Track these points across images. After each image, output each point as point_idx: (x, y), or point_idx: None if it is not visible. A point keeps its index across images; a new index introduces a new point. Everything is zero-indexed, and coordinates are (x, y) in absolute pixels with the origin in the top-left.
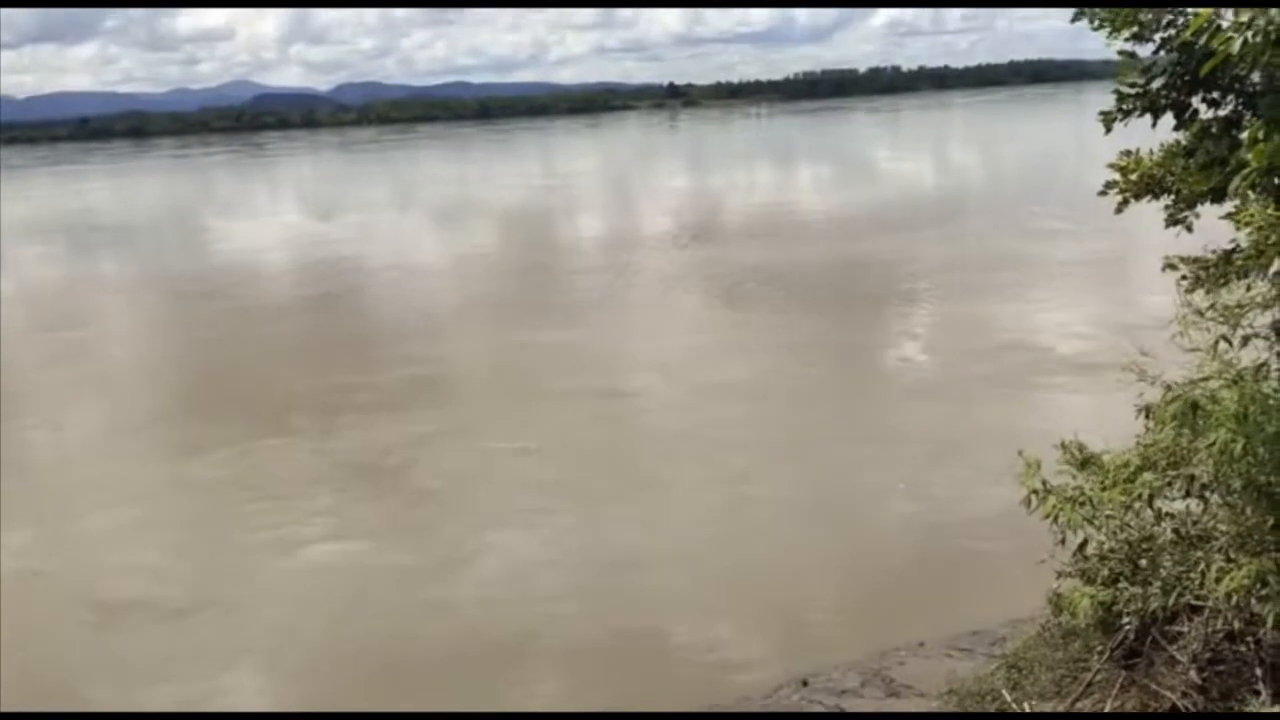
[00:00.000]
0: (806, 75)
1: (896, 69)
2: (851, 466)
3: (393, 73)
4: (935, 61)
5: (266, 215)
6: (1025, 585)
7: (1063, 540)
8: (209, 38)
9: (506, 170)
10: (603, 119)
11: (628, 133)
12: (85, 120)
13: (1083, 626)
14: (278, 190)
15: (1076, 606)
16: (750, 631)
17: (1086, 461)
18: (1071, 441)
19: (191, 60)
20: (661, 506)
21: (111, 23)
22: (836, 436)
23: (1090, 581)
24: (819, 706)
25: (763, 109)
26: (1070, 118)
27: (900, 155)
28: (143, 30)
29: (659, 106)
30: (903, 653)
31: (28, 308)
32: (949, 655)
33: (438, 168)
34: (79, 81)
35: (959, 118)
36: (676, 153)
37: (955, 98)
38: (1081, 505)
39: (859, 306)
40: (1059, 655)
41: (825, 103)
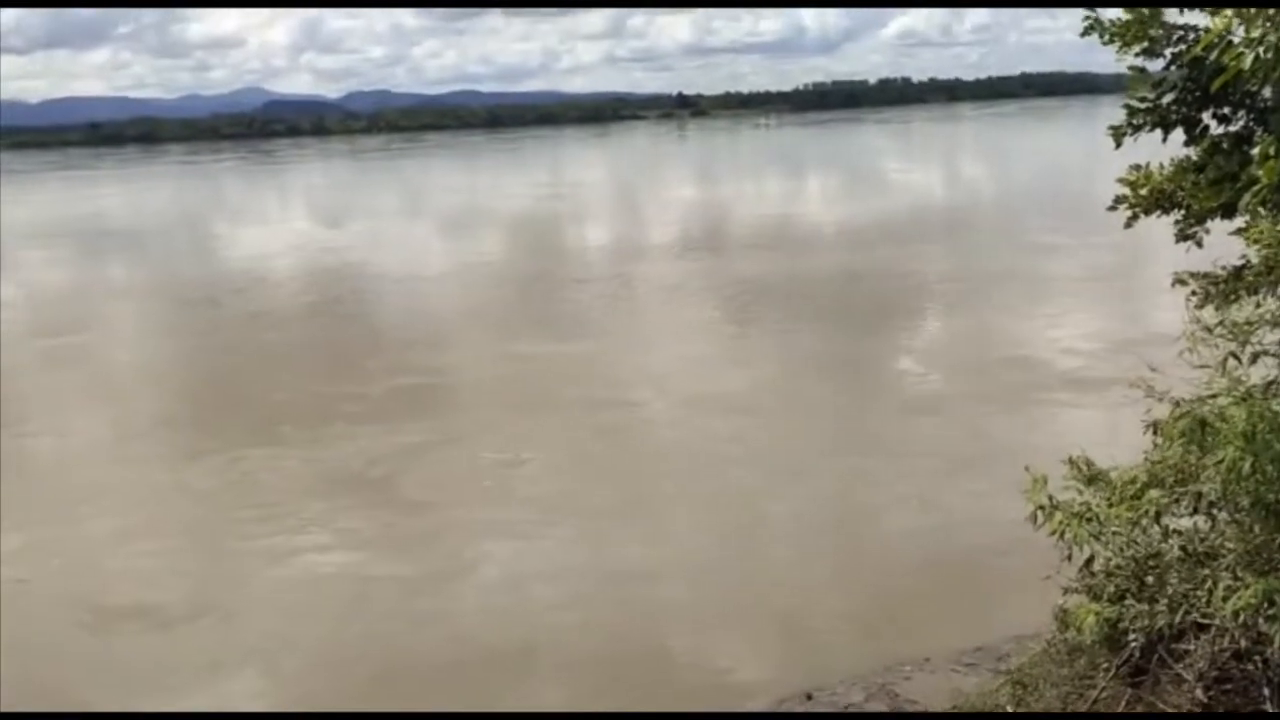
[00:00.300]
0: (816, 86)
1: (907, 80)
2: (856, 480)
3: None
4: (946, 73)
5: (272, 222)
6: (1031, 601)
7: (1069, 556)
8: (221, 45)
9: (512, 179)
10: (611, 128)
11: (635, 142)
12: (96, 125)
13: (1088, 643)
14: (283, 197)
15: (1082, 623)
16: (754, 644)
17: (1094, 477)
18: (1079, 457)
19: (203, 67)
20: (664, 519)
21: (124, 29)
22: (840, 450)
23: (1096, 598)
24: None
25: (771, 119)
26: (1080, 132)
27: (908, 167)
28: (155, 36)
29: (668, 116)
30: (908, 668)
31: (30, 312)
32: (954, 671)
33: (444, 176)
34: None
35: (968, 130)
36: (683, 163)
37: (965, 110)
38: (1088, 521)
39: (865, 319)
40: (1064, 672)
41: (835, 114)
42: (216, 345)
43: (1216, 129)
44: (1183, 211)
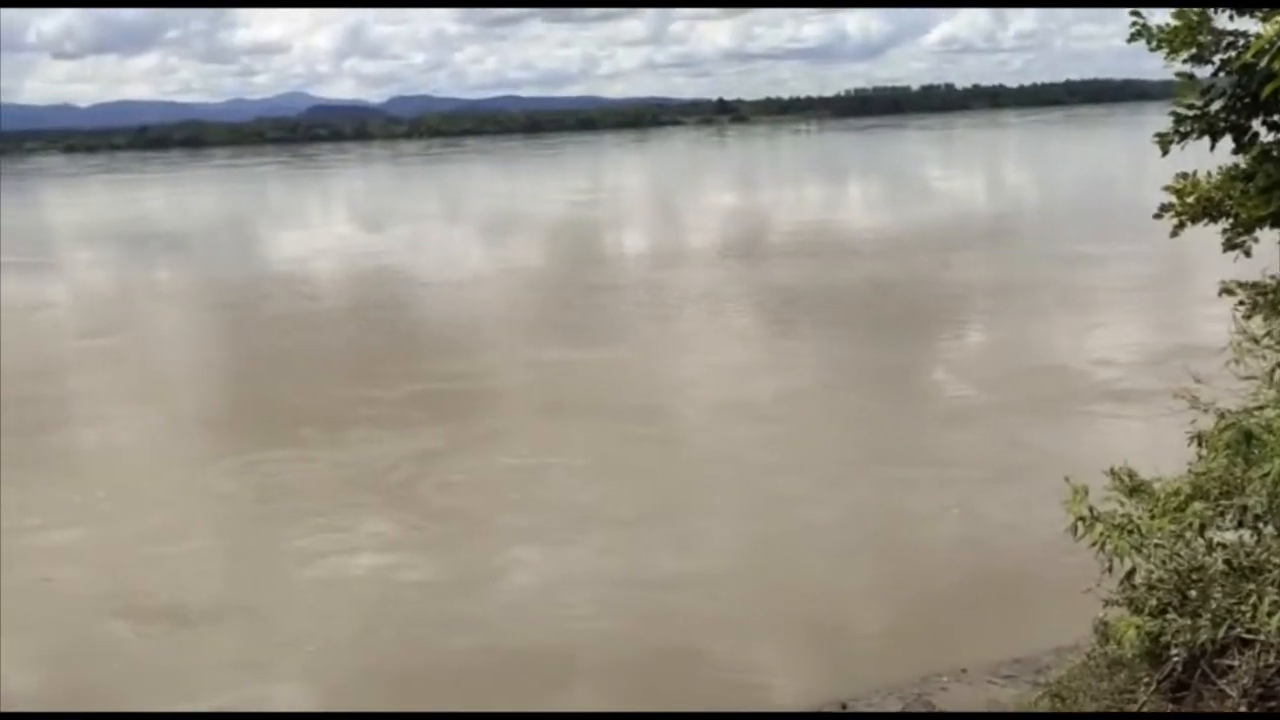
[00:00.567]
0: (858, 92)
1: (950, 87)
2: (895, 488)
3: (444, 86)
4: (989, 80)
5: (309, 226)
6: (1071, 613)
7: (1110, 568)
8: (266, 50)
9: (549, 184)
10: (650, 134)
11: (674, 148)
12: (144, 129)
13: (1129, 657)
14: (321, 201)
15: (1123, 636)
16: (789, 653)
17: (1136, 489)
18: (1121, 468)
19: (248, 72)
20: (696, 526)
21: (172, 34)
22: (878, 458)
23: (1138, 611)
24: None
25: (812, 125)
26: (1125, 139)
27: (948, 174)
28: (202, 42)
29: (708, 122)
30: (945, 678)
31: (72, 312)
32: (992, 682)
33: (481, 181)
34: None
35: (1011, 137)
36: (722, 168)
37: (1009, 117)
38: (1130, 533)
39: (903, 327)
40: (1104, 686)
41: (876, 120)
42: (250, 348)
43: (1266, 136)
44: (1230, 220)
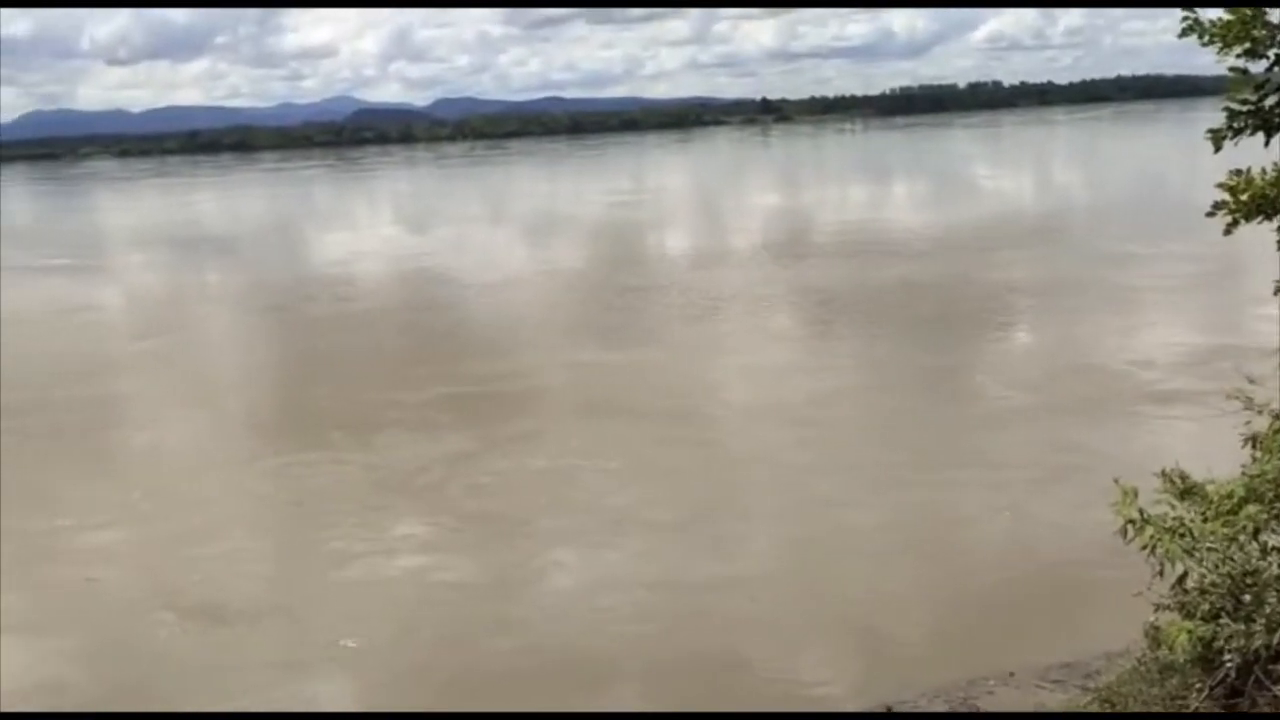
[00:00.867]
0: (903, 90)
1: (997, 84)
2: (939, 491)
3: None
4: (1037, 77)
5: (352, 228)
6: (1121, 617)
7: (1160, 572)
8: (313, 55)
9: (589, 185)
10: (694, 134)
11: (717, 147)
12: (195, 134)
13: (1181, 663)
14: (363, 204)
15: (1175, 641)
16: (834, 657)
17: (1187, 491)
18: (1172, 470)
19: (296, 76)
20: (736, 529)
21: (221, 39)
22: (923, 460)
23: (1189, 616)
24: None
25: (857, 124)
26: (1177, 135)
27: (993, 173)
28: (251, 47)
29: (751, 121)
30: (991, 682)
31: (119, 315)
32: (1039, 687)
33: (522, 183)
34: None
35: (1059, 134)
36: (764, 168)
37: (1057, 114)
38: (1181, 536)
39: (947, 327)
40: (1155, 692)
41: (921, 118)
42: (290, 350)
43: None
44: None
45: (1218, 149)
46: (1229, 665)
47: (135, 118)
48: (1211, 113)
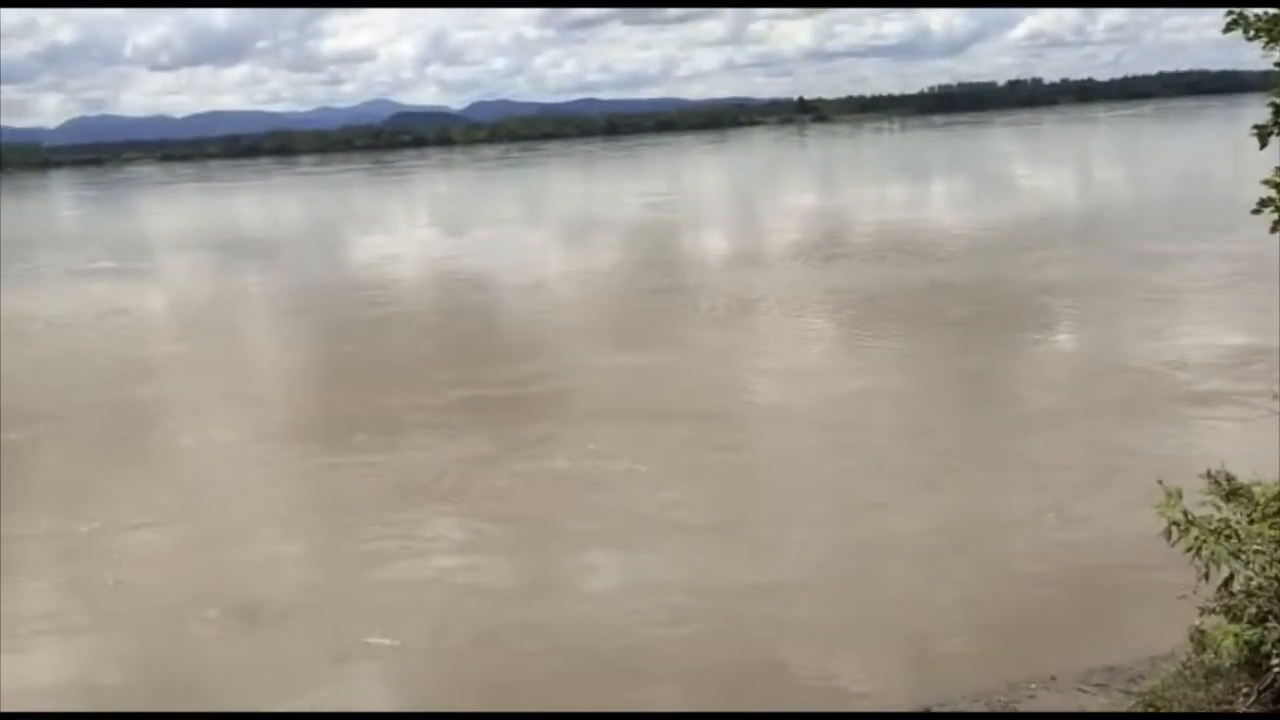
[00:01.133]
0: (942, 89)
1: (1037, 81)
2: (980, 493)
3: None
4: (1078, 74)
5: (384, 231)
6: (1165, 620)
7: (1206, 575)
8: (351, 59)
9: (621, 187)
10: (730, 134)
11: (752, 148)
12: (236, 138)
13: (1227, 667)
14: (396, 207)
15: (1220, 645)
16: (874, 660)
17: (1233, 493)
18: (1217, 471)
19: (335, 80)
20: (771, 533)
21: (262, 44)
22: (962, 462)
23: (1235, 619)
24: None
25: (894, 124)
26: (1220, 132)
27: (1031, 172)
28: (290, 52)
29: (788, 121)
30: (1033, 685)
31: (149, 318)
32: (1081, 690)
33: (554, 185)
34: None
35: (1100, 132)
36: (799, 169)
37: (1099, 111)
38: (1227, 539)
39: (983, 328)
40: (1200, 696)
41: (959, 117)
42: (323, 354)
43: None
44: None
45: (1263, 145)
46: (1277, 669)
47: (178, 123)
48: (1257, 109)
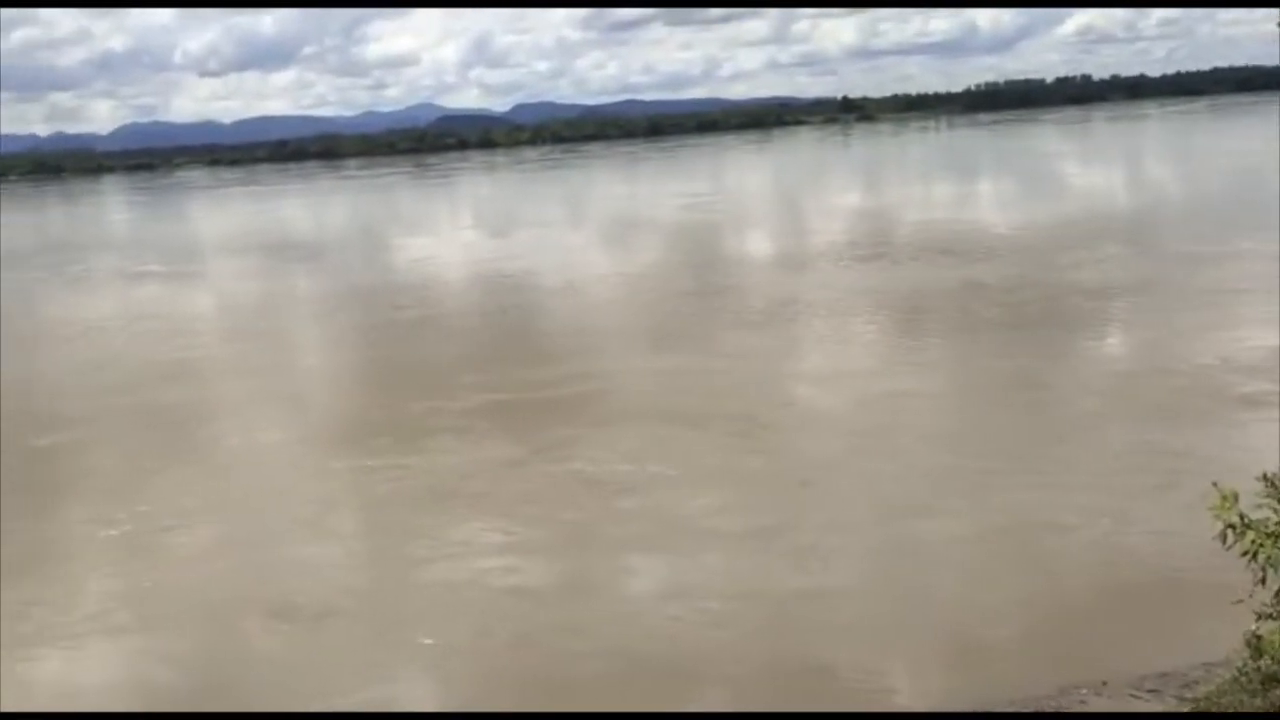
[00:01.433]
0: (988, 86)
1: (1087, 78)
2: (1027, 495)
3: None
4: (1129, 70)
5: (423, 234)
6: (1220, 625)
7: (1263, 579)
8: (396, 63)
9: (660, 188)
10: (773, 134)
11: (794, 148)
12: (284, 143)
13: None
14: (435, 209)
15: (1278, 651)
16: (920, 665)
17: None
18: (1274, 474)
19: (380, 85)
20: (812, 539)
21: (308, 50)
22: (1008, 465)
23: None
24: None
25: (939, 122)
26: (1275, 129)
27: (1076, 170)
28: (336, 57)
29: (832, 121)
30: (1084, 691)
31: (168, 324)
32: (1134, 696)
33: (592, 186)
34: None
35: (1150, 129)
36: (840, 169)
37: (1149, 108)
38: None
39: (1026, 329)
40: (1257, 703)
41: (1006, 114)
42: (358, 357)
43: None
44: None
45: None
46: None
47: (226, 128)
48: None
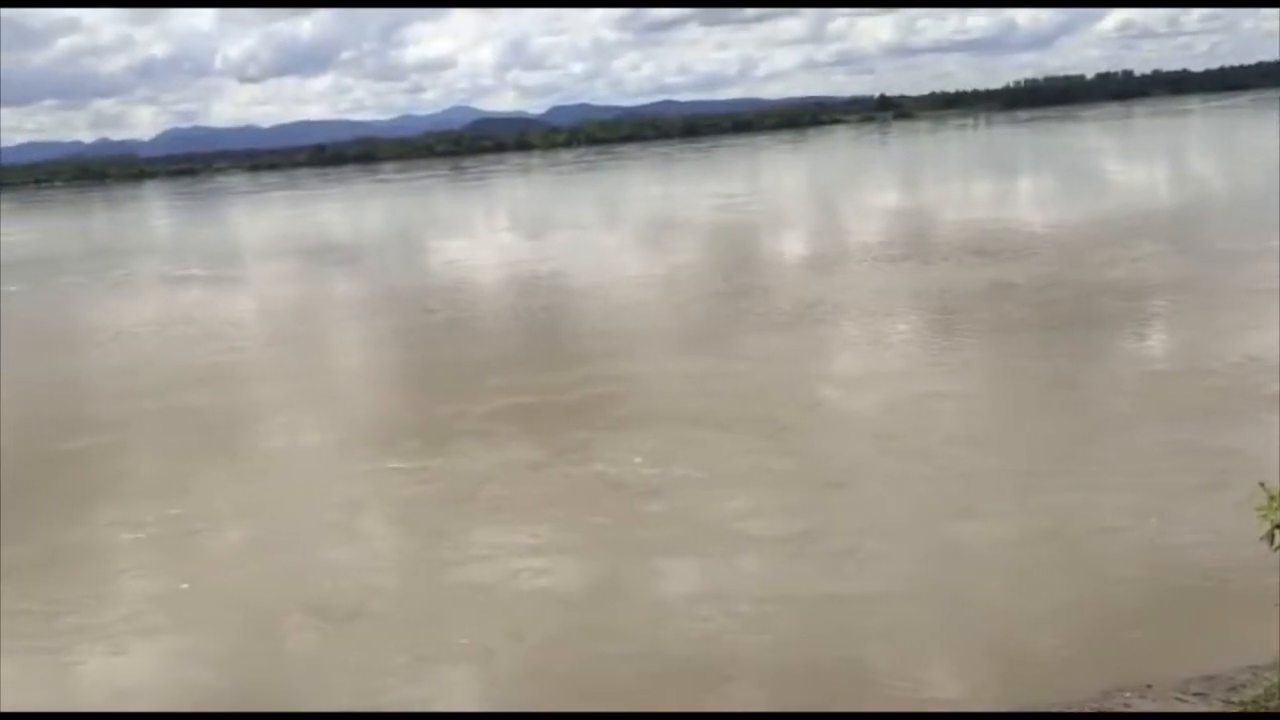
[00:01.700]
0: (1028, 83)
1: (1128, 74)
2: (1070, 497)
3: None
4: (1172, 65)
5: (456, 236)
6: (1268, 628)
7: None
8: (433, 67)
9: (693, 188)
10: (809, 133)
11: (830, 147)
12: (322, 147)
13: None
14: (468, 212)
15: None
16: (961, 669)
17: None
18: None
19: (417, 89)
20: (853, 541)
21: (346, 54)
22: (1053, 466)
23: None
24: None
25: (979, 119)
26: None
27: (1119, 168)
28: (374, 62)
29: (869, 119)
30: (1128, 694)
31: (197, 329)
32: (1179, 699)
33: (629, 188)
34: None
35: (1192, 125)
36: (874, 168)
37: (1191, 103)
38: None
39: (1060, 329)
40: None
41: (1045, 111)
42: (395, 359)
43: None
44: None
45: None
46: None
47: (266, 133)
48: None
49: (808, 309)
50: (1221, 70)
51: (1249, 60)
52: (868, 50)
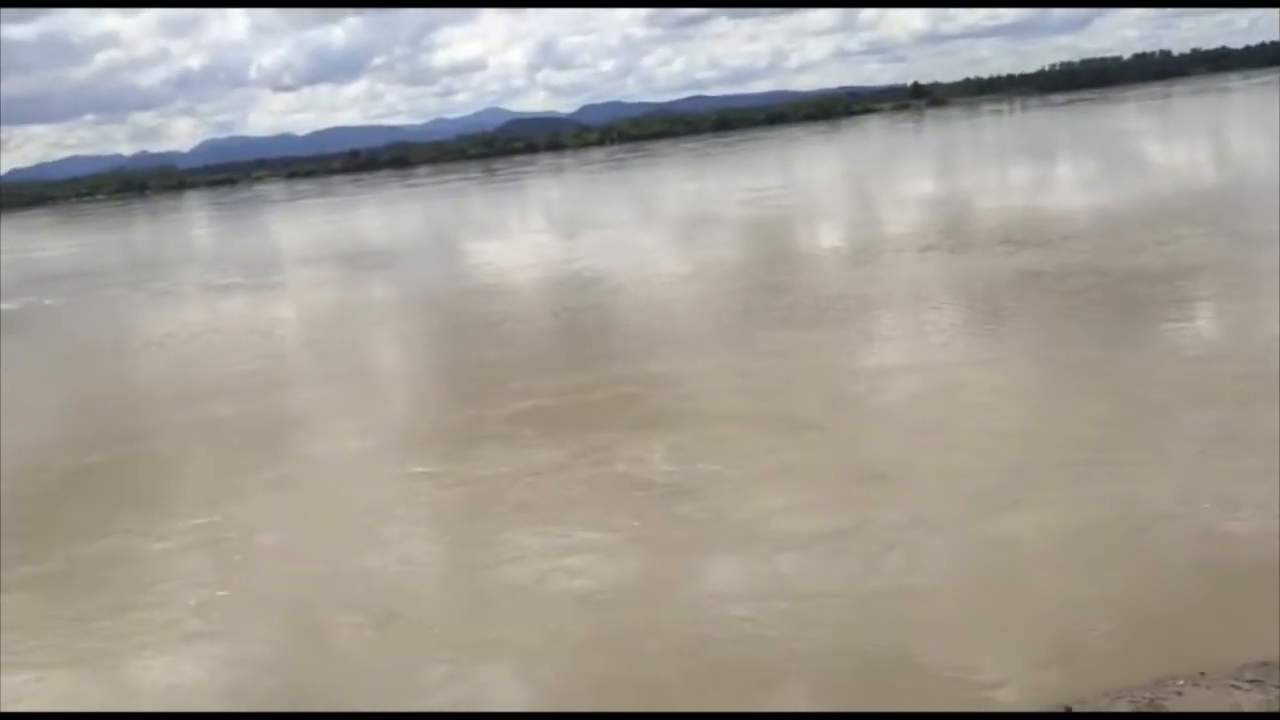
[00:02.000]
0: (1063, 66)
1: (1166, 53)
2: (1120, 484)
3: (633, 91)
4: (1211, 42)
5: (485, 239)
6: None
7: None
8: (464, 69)
9: (723, 183)
10: (841, 124)
11: (860, 137)
12: (356, 153)
13: None
14: (498, 214)
15: None
16: (1013, 657)
17: None
18: None
19: (448, 92)
20: (898, 535)
21: (378, 60)
22: (1102, 454)
23: None
24: None
25: (1013, 104)
26: None
27: (1161, 148)
28: (405, 67)
29: (902, 108)
30: (1181, 682)
31: (222, 338)
32: (1234, 686)
33: (660, 185)
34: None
35: (1232, 103)
36: (909, 157)
37: (1233, 80)
38: None
39: (1100, 316)
40: None
41: (1081, 94)
42: (426, 363)
43: None
44: None
45: None
46: None
47: (301, 140)
48: None
49: (837, 301)
50: (1263, 46)
51: None
52: (899, 38)
